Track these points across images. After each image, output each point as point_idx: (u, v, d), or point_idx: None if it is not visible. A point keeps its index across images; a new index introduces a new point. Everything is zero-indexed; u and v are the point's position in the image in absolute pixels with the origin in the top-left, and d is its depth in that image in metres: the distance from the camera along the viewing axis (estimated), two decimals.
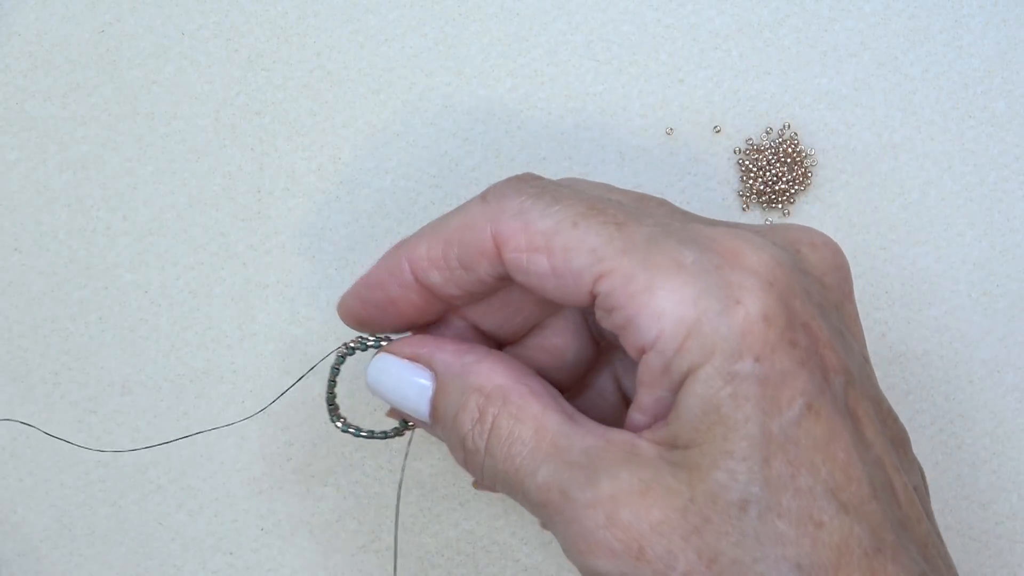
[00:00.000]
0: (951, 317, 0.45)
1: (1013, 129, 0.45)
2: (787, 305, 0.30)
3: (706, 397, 0.30)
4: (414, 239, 0.34)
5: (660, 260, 0.30)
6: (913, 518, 0.32)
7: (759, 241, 0.31)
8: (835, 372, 0.31)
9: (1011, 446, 0.46)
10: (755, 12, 0.45)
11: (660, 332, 0.30)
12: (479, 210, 0.33)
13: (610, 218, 0.31)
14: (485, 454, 0.33)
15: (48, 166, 0.45)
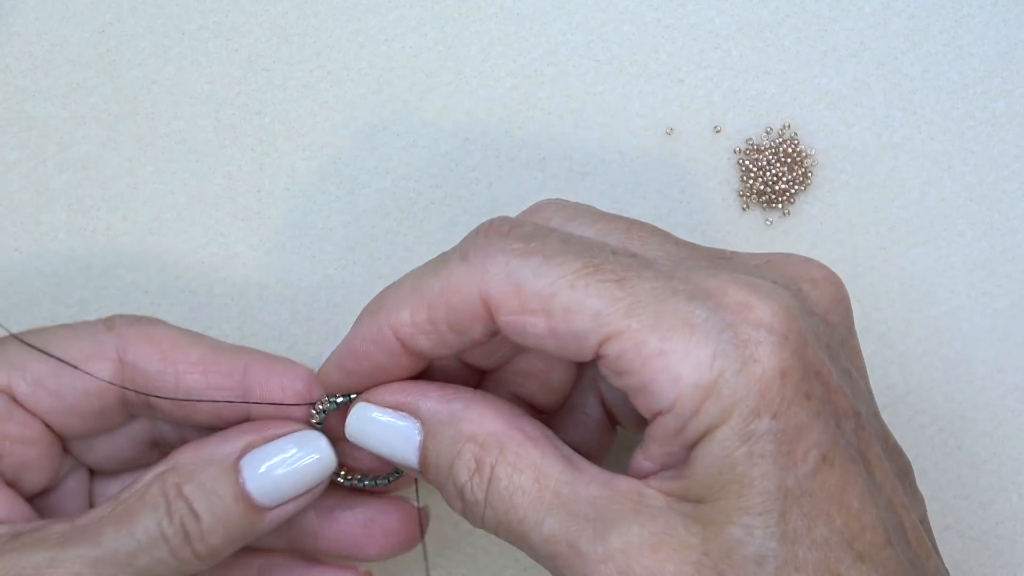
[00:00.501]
0: (951, 317, 0.45)
1: (1013, 129, 0.45)
2: (801, 356, 0.30)
3: (722, 456, 0.29)
4: (393, 304, 0.33)
5: (670, 320, 0.30)
6: (923, 556, 0.32)
7: (767, 289, 0.31)
8: (846, 416, 0.31)
9: (1011, 446, 0.46)
10: (755, 12, 0.45)
11: (677, 397, 0.30)
12: (463, 272, 0.32)
13: (609, 275, 0.31)
14: (486, 506, 0.32)
15: (48, 166, 0.45)
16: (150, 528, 0.33)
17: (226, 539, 0.34)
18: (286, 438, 0.35)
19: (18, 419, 0.36)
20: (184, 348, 0.36)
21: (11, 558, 0.33)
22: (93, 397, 0.36)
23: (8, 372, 0.35)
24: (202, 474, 0.34)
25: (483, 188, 0.45)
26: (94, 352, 0.36)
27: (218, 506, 0.34)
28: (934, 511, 0.45)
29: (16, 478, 0.36)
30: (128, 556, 0.33)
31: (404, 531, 0.39)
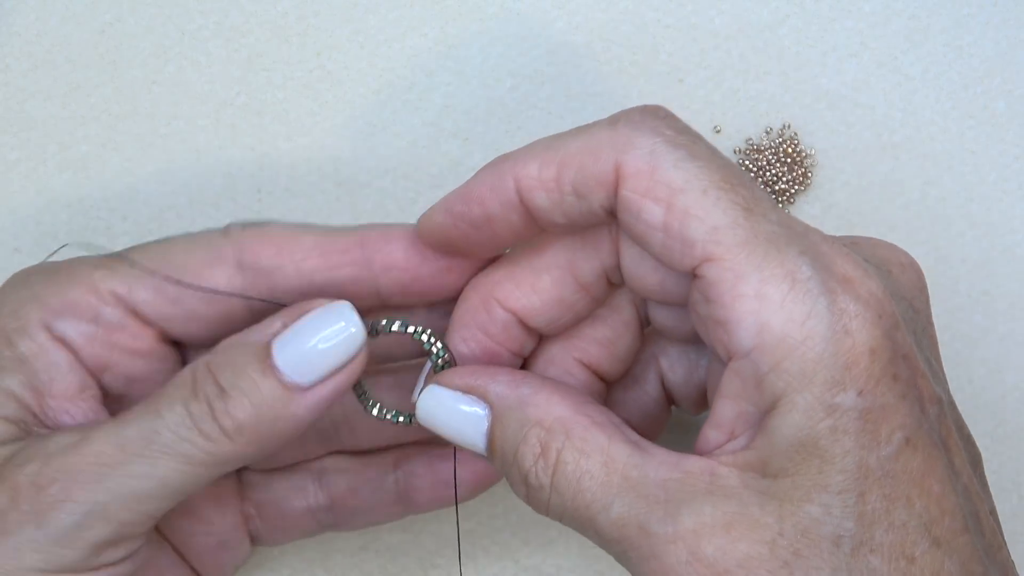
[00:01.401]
0: (951, 317, 0.45)
1: (1013, 129, 0.45)
2: (892, 338, 0.30)
3: (804, 427, 0.29)
4: (523, 156, 0.32)
5: (777, 266, 0.29)
6: (995, 546, 0.32)
7: (868, 267, 0.30)
8: (930, 402, 0.30)
9: (1011, 446, 0.46)
10: (755, 12, 0.45)
11: (759, 344, 0.29)
12: (607, 136, 0.31)
13: (740, 199, 0.30)
14: (551, 490, 0.31)
15: (48, 166, 0.45)
16: (176, 405, 0.33)
17: (255, 416, 0.33)
18: (314, 312, 0.34)
19: (131, 330, 0.36)
20: (297, 238, 0.36)
21: (42, 442, 0.33)
22: (216, 302, 0.36)
23: (129, 281, 0.35)
24: (231, 353, 0.34)
25: None
26: (212, 259, 0.36)
27: (244, 380, 0.33)
28: None
29: (126, 391, 0.36)
30: (153, 433, 0.32)
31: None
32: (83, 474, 0.32)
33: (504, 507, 0.45)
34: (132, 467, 0.32)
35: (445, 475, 0.39)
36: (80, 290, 0.36)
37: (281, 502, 0.40)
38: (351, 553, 0.45)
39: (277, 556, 0.45)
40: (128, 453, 0.32)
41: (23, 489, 0.32)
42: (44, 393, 0.35)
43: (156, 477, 0.32)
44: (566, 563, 0.45)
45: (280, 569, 0.45)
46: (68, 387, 0.35)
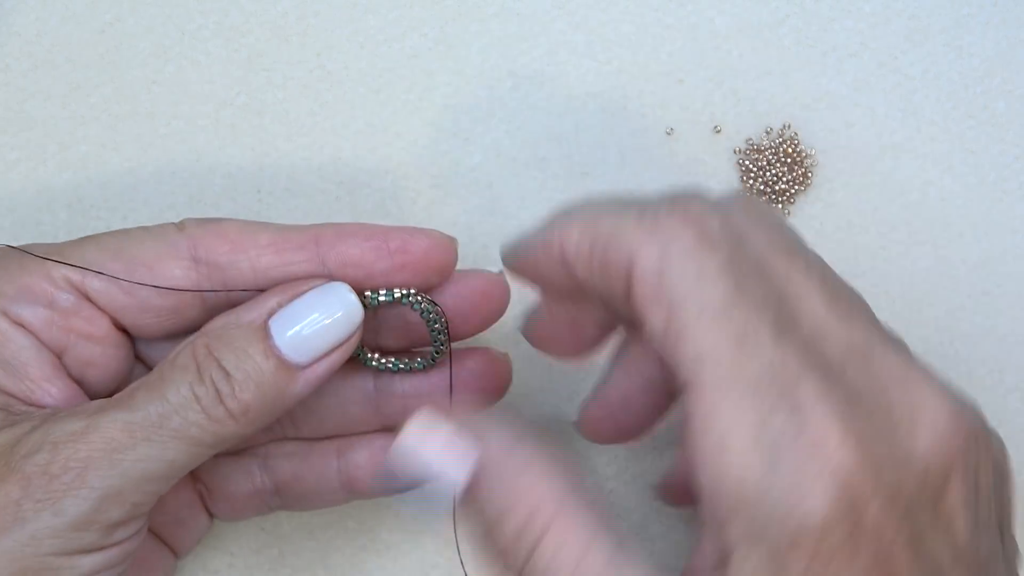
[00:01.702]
0: (951, 317, 0.45)
1: (1013, 129, 0.45)
2: (857, 514, 0.28)
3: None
4: (572, 219, 0.33)
5: (748, 414, 0.28)
6: None
7: (857, 429, 0.28)
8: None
9: (1011, 446, 0.45)
10: (755, 12, 0.45)
11: (715, 491, 0.29)
12: (632, 224, 0.31)
13: (735, 327, 0.29)
14: (521, 571, 0.31)
15: (48, 166, 0.45)
16: (182, 389, 0.34)
17: (259, 397, 0.34)
18: (311, 292, 0.35)
19: (85, 315, 0.36)
20: (253, 234, 0.37)
21: (46, 428, 0.33)
22: (167, 295, 0.36)
23: (82, 269, 0.36)
24: (230, 334, 0.35)
25: (483, 188, 0.45)
26: (167, 252, 0.36)
27: (247, 363, 0.34)
28: None
29: (82, 376, 0.37)
30: (161, 417, 0.34)
31: (494, 373, 0.40)
32: (95, 460, 0.33)
33: None
34: (142, 450, 0.33)
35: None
36: (34, 277, 0.36)
37: (229, 484, 0.41)
38: (351, 553, 0.45)
39: (277, 556, 0.45)
40: (137, 438, 0.33)
41: (35, 478, 0.32)
42: (21, 376, 0.36)
43: (166, 460, 0.34)
44: None
45: (280, 569, 0.45)
46: (42, 368, 0.36)
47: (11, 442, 0.33)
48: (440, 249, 0.38)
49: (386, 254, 0.37)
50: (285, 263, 0.37)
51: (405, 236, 0.37)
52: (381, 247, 0.37)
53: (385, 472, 0.33)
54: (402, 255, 0.37)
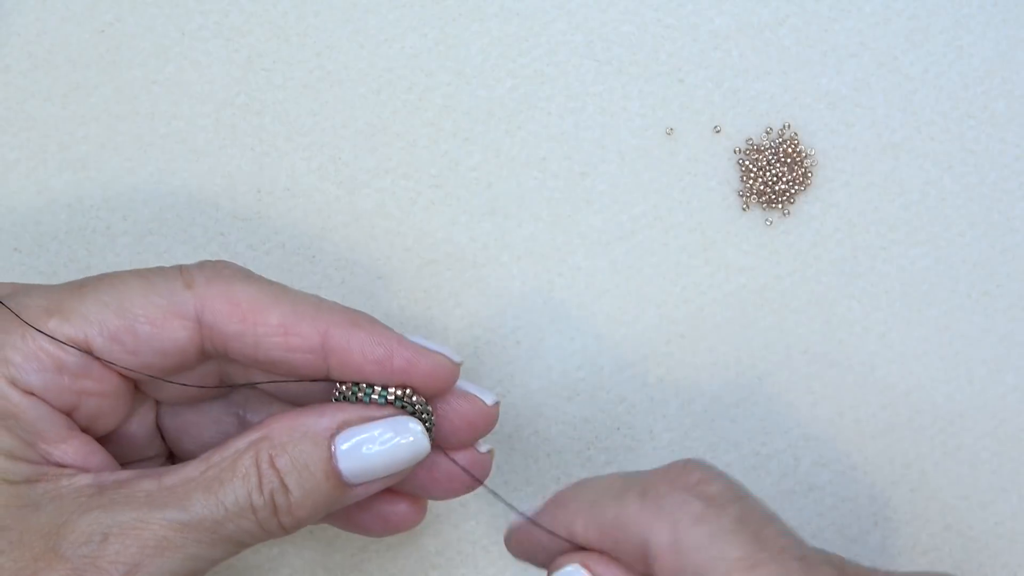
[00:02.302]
0: (951, 317, 0.45)
1: (1013, 129, 0.45)
2: None
3: None
4: (576, 509, 0.35)
5: None
6: None
7: None
8: None
9: (1011, 446, 0.46)
10: (755, 12, 0.45)
11: None
12: (636, 511, 0.33)
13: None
14: None
15: (48, 166, 0.45)
16: (240, 498, 0.34)
17: (312, 512, 0.35)
18: (382, 421, 0.36)
19: (95, 376, 0.36)
20: (264, 310, 0.36)
21: (96, 515, 0.33)
22: (170, 355, 0.36)
23: (85, 328, 0.35)
24: (296, 448, 0.35)
25: (483, 188, 0.45)
26: (173, 312, 0.36)
27: (309, 481, 0.35)
28: (934, 511, 0.45)
29: (90, 425, 0.37)
30: (215, 523, 0.34)
31: (465, 475, 0.39)
32: (147, 559, 0.33)
33: (504, 508, 0.45)
34: (191, 550, 0.34)
35: (356, 518, 0.40)
36: (40, 340, 0.35)
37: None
38: (351, 553, 0.45)
39: (277, 556, 0.45)
40: (189, 540, 0.34)
41: (85, 571, 0.33)
42: (37, 442, 0.35)
43: (212, 559, 0.34)
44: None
45: (280, 569, 0.45)
46: (57, 431, 0.36)
47: (57, 524, 0.33)
48: (443, 372, 0.37)
49: (388, 371, 0.36)
50: (289, 349, 0.36)
51: (411, 356, 0.37)
52: (385, 364, 0.36)
53: None
54: (404, 374, 0.37)
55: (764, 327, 0.45)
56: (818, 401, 0.45)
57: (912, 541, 0.46)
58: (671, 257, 0.45)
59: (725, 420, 0.45)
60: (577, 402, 0.45)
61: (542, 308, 0.45)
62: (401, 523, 0.40)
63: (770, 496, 0.45)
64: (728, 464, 0.45)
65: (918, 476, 0.46)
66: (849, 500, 0.46)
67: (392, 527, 0.40)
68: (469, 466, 0.39)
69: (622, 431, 0.45)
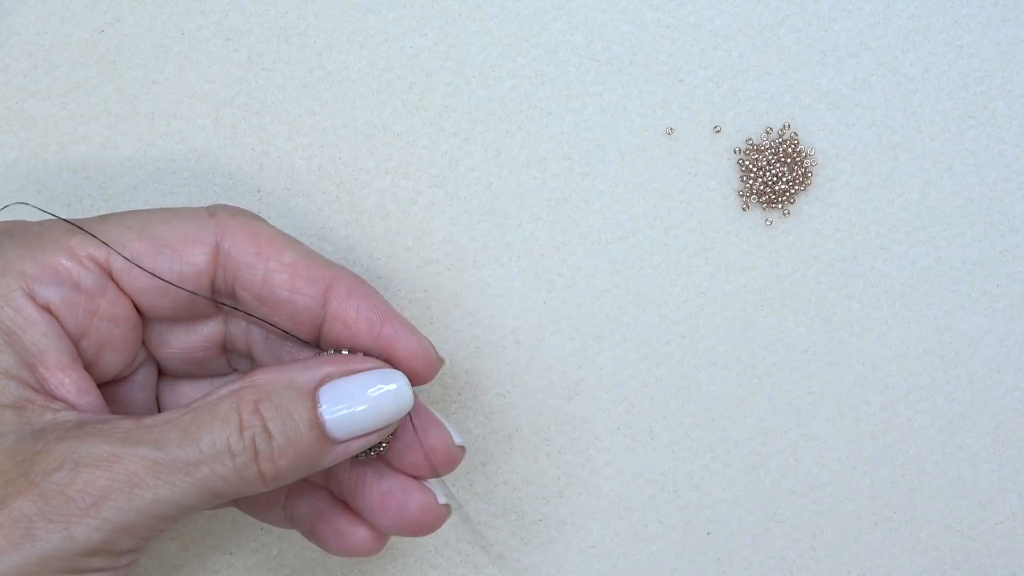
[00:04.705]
0: (951, 317, 0.45)
1: (1013, 129, 0.45)
2: None
3: None
4: None
5: None
6: None
7: None
8: None
9: (1011, 446, 0.46)
10: (755, 12, 0.45)
11: None
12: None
13: None
14: None
15: (48, 166, 0.45)
16: (218, 440, 0.34)
17: (294, 465, 0.35)
18: (366, 373, 0.36)
19: (110, 297, 0.36)
20: (279, 248, 0.37)
21: (70, 444, 0.33)
22: (187, 279, 0.37)
23: (107, 248, 0.36)
24: (280, 395, 0.35)
25: (483, 188, 0.45)
26: (193, 236, 0.36)
27: (292, 429, 0.34)
28: (934, 511, 0.45)
29: (95, 359, 0.37)
30: (188, 465, 0.33)
31: (417, 518, 0.39)
32: (114, 493, 0.33)
33: (504, 507, 0.45)
34: (163, 492, 0.33)
35: (317, 530, 0.40)
36: (59, 256, 0.36)
37: None
38: None
39: (276, 556, 0.45)
40: (161, 479, 0.33)
41: (52, 498, 0.32)
42: (36, 365, 0.35)
43: (183, 506, 0.34)
44: (566, 563, 0.45)
45: (280, 569, 0.45)
46: (59, 357, 0.36)
47: (32, 452, 0.33)
48: (426, 356, 0.38)
49: (376, 335, 0.37)
50: (293, 289, 0.37)
51: (401, 328, 0.37)
52: (374, 328, 0.37)
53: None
54: (387, 344, 0.37)
55: (764, 327, 0.45)
56: (818, 401, 0.45)
57: (912, 541, 0.46)
58: (671, 257, 0.45)
59: (725, 420, 0.45)
60: (577, 402, 0.45)
61: (542, 308, 0.45)
62: (358, 547, 0.40)
63: (770, 496, 0.46)
64: (728, 464, 0.45)
65: (918, 476, 0.46)
66: (849, 500, 0.46)
67: (348, 548, 0.40)
68: (441, 459, 0.39)
69: (622, 431, 0.45)
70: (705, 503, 0.45)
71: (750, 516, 0.46)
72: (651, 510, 0.45)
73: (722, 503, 0.45)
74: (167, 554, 0.45)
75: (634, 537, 0.45)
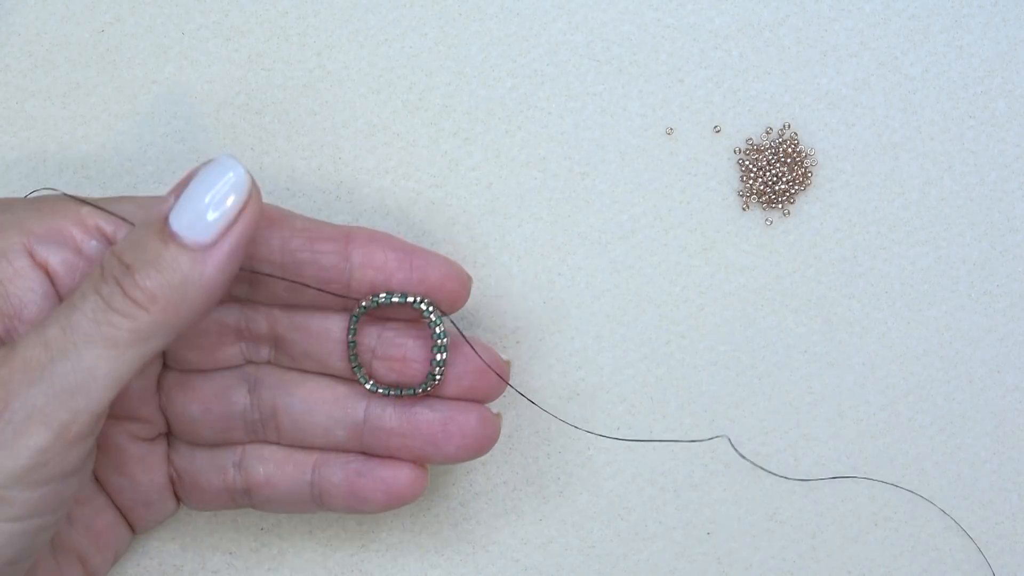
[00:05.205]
0: (951, 317, 0.45)
1: (1013, 129, 0.45)
2: None
3: None
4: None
5: None
6: None
7: None
8: None
9: (1011, 446, 0.46)
10: (755, 12, 0.45)
11: None
12: None
13: None
14: None
15: (48, 166, 0.45)
16: (87, 293, 0.34)
17: (164, 283, 0.34)
18: (199, 173, 0.35)
19: None
20: (288, 217, 0.39)
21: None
22: None
23: (115, 223, 0.37)
24: (132, 234, 0.35)
25: (483, 188, 0.45)
26: None
27: (146, 250, 0.34)
28: (934, 510, 0.45)
29: None
30: (71, 326, 0.33)
31: (480, 434, 0.40)
32: (13, 382, 0.33)
33: (504, 507, 0.45)
34: (58, 364, 0.33)
35: (358, 489, 0.40)
36: (67, 221, 0.37)
37: (201, 476, 0.41)
38: (351, 553, 0.45)
39: (277, 555, 0.45)
40: (52, 351, 0.33)
41: None
42: (13, 317, 0.36)
43: (83, 368, 0.33)
44: (566, 562, 0.45)
45: (280, 569, 0.45)
46: (39, 314, 0.36)
47: None
48: (456, 280, 0.39)
49: (408, 266, 0.39)
50: (315, 250, 0.38)
51: (429, 257, 0.39)
52: (404, 259, 0.39)
53: None
54: (421, 272, 0.39)
55: (764, 327, 0.45)
56: (818, 401, 0.45)
57: (912, 541, 0.46)
58: (671, 257, 0.45)
59: (725, 420, 0.45)
60: (577, 402, 0.45)
61: (542, 308, 0.45)
62: (406, 488, 0.40)
63: (770, 496, 0.45)
64: (728, 464, 0.45)
65: (918, 476, 0.46)
66: (849, 500, 0.46)
67: (395, 496, 0.40)
68: (482, 420, 0.40)
69: (622, 431, 0.45)
70: (705, 503, 0.45)
71: (750, 516, 0.46)
72: (651, 510, 0.45)
73: (722, 503, 0.45)
74: (167, 554, 0.45)
75: (634, 537, 0.45)
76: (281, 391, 0.40)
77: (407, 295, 0.39)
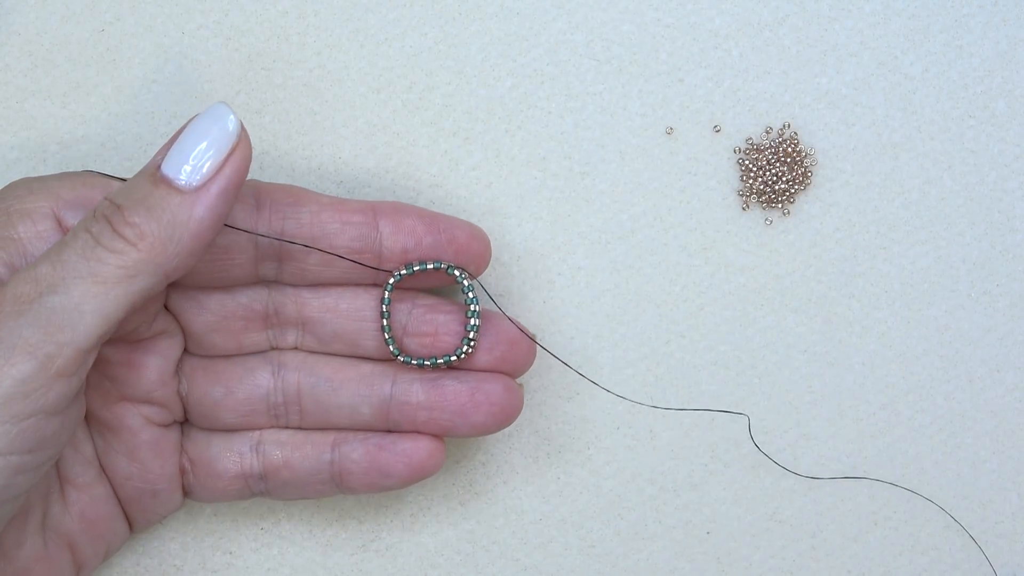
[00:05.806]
0: (951, 317, 0.45)
1: (1013, 129, 0.45)
2: None
3: None
4: None
5: None
6: None
7: None
8: None
9: (1011, 446, 0.46)
10: (755, 12, 0.45)
11: None
12: None
13: None
14: None
15: (48, 166, 0.45)
16: (78, 231, 0.35)
17: (154, 221, 0.35)
18: (191, 122, 0.36)
19: None
20: (313, 195, 0.40)
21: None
22: (224, 234, 0.39)
23: None
24: (128, 180, 0.36)
25: (483, 188, 0.45)
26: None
27: (136, 192, 0.35)
28: (934, 510, 0.45)
29: None
30: (61, 262, 0.34)
31: (507, 402, 0.41)
32: (2, 314, 0.33)
33: (504, 507, 0.45)
34: (47, 299, 0.33)
35: (380, 464, 0.41)
36: (97, 191, 0.38)
37: (215, 462, 0.41)
38: (351, 553, 0.45)
39: (277, 555, 0.45)
40: (42, 285, 0.34)
41: None
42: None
43: (71, 303, 0.34)
44: (566, 562, 0.45)
45: (280, 569, 0.45)
46: None
47: None
48: (481, 241, 0.41)
49: (436, 229, 0.40)
50: (343, 221, 0.39)
51: (453, 220, 0.41)
52: (431, 224, 0.40)
53: None
54: (449, 234, 0.40)
55: (764, 327, 0.45)
56: (818, 401, 0.45)
57: (912, 541, 0.46)
58: (671, 257, 0.45)
59: (725, 420, 0.45)
60: (577, 402, 0.45)
61: (542, 308, 0.45)
62: (428, 459, 0.41)
63: (770, 496, 0.46)
64: (728, 464, 0.45)
65: (918, 476, 0.46)
66: (849, 500, 0.46)
67: (416, 468, 0.41)
68: (508, 390, 0.41)
69: (622, 431, 0.45)
70: (705, 503, 0.45)
71: (750, 516, 0.46)
72: (651, 510, 0.45)
73: (722, 503, 0.45)
74: (167, 554, 0.45)
75: (634, 537, 0.45)
76: (306, 372, 0.41)
77: (440, 262, 0.40)
